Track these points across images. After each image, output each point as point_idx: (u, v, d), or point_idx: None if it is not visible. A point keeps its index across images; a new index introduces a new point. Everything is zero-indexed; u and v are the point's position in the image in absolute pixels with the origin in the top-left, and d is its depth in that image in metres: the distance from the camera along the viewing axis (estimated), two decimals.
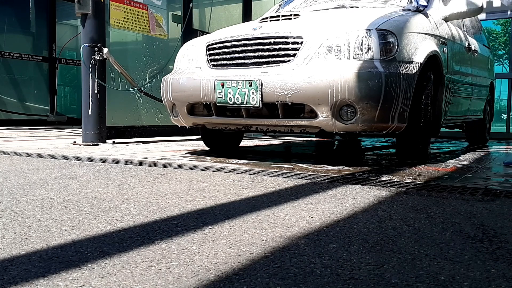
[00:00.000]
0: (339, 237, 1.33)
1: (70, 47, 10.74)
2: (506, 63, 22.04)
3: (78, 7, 4.43)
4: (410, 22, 2.98)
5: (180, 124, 3.48)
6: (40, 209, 1.65)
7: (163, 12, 5.87)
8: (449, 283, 0.99)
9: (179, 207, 1.71)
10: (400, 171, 2.75)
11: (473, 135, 5.33)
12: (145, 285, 0.96)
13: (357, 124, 2.72)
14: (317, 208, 1.70)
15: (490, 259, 1.16)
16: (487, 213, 1.67)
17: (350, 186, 2.20)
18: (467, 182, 2.39)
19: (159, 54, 5.78)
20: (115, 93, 5.11)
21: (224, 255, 1.16)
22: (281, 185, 2.20)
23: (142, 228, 1.40)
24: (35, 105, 9.93)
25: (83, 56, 4.49)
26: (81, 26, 4.59)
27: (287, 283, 0.98)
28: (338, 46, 2.78)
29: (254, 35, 3.03)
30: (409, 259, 1.15)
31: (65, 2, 10.03)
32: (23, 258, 1.12)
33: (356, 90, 2.63)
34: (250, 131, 3.19)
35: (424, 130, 3.08)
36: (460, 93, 3.91)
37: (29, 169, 2.64)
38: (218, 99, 3.03)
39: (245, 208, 1.69)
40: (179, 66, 3.51)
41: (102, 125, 4.56)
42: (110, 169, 2.68)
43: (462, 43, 3.93)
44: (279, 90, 2.78)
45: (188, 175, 2.47)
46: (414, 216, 1.60)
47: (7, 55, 9.37)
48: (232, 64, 3.09)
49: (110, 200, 1.82)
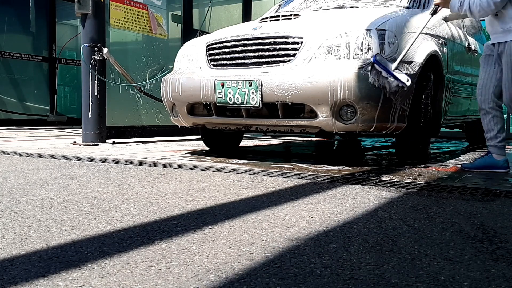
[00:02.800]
0: (339, 237, 1.33)
1: (70, 47, 10.73)
2: None
3: (78, 7, 4.43)
4: (410, 22, 2.98)
5: (180, 124, 3.48)
6: (40, 209, 1.65)
7: (163, 12, 5.87)
8: (449, 283, 0.99)
9: (179, 207, 1.71)
10: (400, 171, 2.75)
11: (473, 135, 5.33)
12: (145, 285, 0.96)
13: (357, 124, 2.72)
14: (317, 208, 1.70)
15: (490, 259, 1.16)
16: (487, 213, 1.67)
17: (350, 186, 2.20)
18: (467, 182, 2.39)
19: (159, 54, 5.77)
20: (115, 93, 5.11)
21: (224, 255, 1.16)
22: (281, 185, 2.20)
23: (142, 228, 1.40)
24: (35, 105, 9.93)
25: (83, 56, 4.49)
26: (81, 26, 4.59)
27: (287, 283, 0.98)
28: (338, 46, 2.78)
29: (254, 35, 3.03)
30: (409, 259, 1.15)
31: (65, 2, 10.02)
32: (23, 258, 1.12)
33: (356, 90, 2.63)
34: (250, 131, 3.19)
35: (424, 130, 3.08)
36: (460, 93, 3.91)
37: (29, 169, 2.64)
38: (218, 99, 3.02)
39: (245, 208, 1.69)
40: (179, 66, 3.51)
41: (102, 125, 4.56)
42: (110, 169, 2.68)
43: (462, 43, 3.93)
44: (279, 90, 2.78)
45: (188, 175, 2.47)
46: (414, 216, 1.60)
47: (7, 55, 9.37)
48: (232, 64, 3.09)
49: (110, 200, 1.82)
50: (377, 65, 2.61)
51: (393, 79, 2.60)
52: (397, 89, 2.63)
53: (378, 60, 2.61)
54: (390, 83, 2.61)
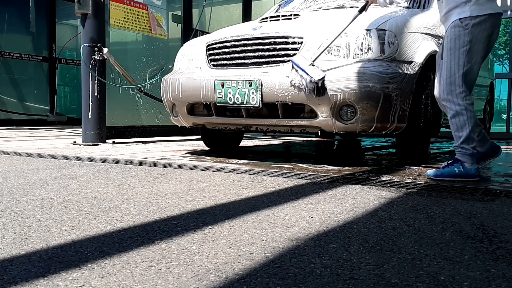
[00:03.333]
0: (339, 237, 1.33)
1: (70, 47, 10.73)
2: (506, 63, 22.04)
3: (78, 7, 4.43)
4: (410, 22, 2.98)
5: (180, 124, 3.48)
6: (40, 209, 1.65)
7: (163, 12, 5.87)
8: (449, 283, 0.99)
9: (179, 207, 1.71)
10: (400, 171, 2.75)
11: None
12: (145, 285, 0.96)
13: (357, 124, 2.72)
14: (317, 208, 1.70)
15: (490, 259, 1.16)
16: (487, 213, 1.67)
17: (350, 186, 2.20)
18: (467, 182, 2.39)
19: (159, 54, 5.77)
20: (115, 93, 5.11)
21: (224, 255, 1.16)
22: (281, 185, 2.20)
23: (142, 228, 1.40)
24: (35, 105, 9.93)
25: (83, 56, 4.49)
26: (81, 26, 4.59)
27: (287, 283, 0.98)
28: (338, 46, 2.78)
29: (254, 35, 3.03)
30: (409, 259, 1.15)
31: (65, 2, 10.02)
32: (23, 258, 1.12)
33: (356, 90, 2.63)
34: (250, 131, 3.19)
35: (424, 130, 3.08)
36: None
37: (29, 169, 2.64)
38: (218, 99, 3.03)
39: (245, 208, 1.69)
40: (179, 66, 3.51)
41: (102, 125, 4.56)
42: (110, 169, 2.68)
43: None
44: (279, 90, 2.79)
45: (188, 175, 2.47)
46: (414, 216, 1.60)
47: (7, 55, 9.37)
48: (232, 64, 3.09)
49: (110, 200, 1.82)
50: (294, 65, 2.72)
51: (307, 75, 2.65)
52: (312, 85, 2.65)
53: (294, 60, 2.73)
54: (306, 80, 2.66)
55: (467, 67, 2.32)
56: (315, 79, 2.63)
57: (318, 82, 2.64)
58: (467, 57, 2.31)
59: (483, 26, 2.29)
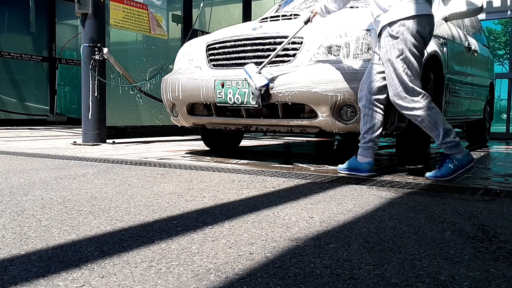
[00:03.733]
0: (339, 237, 1.33)
1: (70, 47, 10.73)
2: (506, 63, 22.04)
3: (78, 7, 4.43)
4: None
5: (180, 124, 3.48)
6: (40, 209, 1.65)
7: (163, 12, 5.87)
8: (449, 283, 0.99)
9: (179, 207, 1.71)
10: (400, 171, 2.75)
11: (473, 135, 5.33)
12: (145, 285, 0.96)
13: (357, 124, 2.72)
14: (317, 208, 1.70)
15: (490, 259, 1.16)
16: (487, 213, 1.67)
17: (350, 186, 2.20)
18: (467, 182, 2.39)
19: (159, 54, 5.77)
20: (115, 93, 5.11)
21: (224, 255, 1.16)
22: (281, 185, 2.20)
23: (142, 228, 1.40)
24: (35, 105, 9.93)
25: (83, 56, 4.49)
26: (81, 26, 4.59)
27: (287, 283, 0.98)
28: (338, 46, 2.78)
29: (254, 35, 3.03)
30: (409, 259, 1.15)
31: (65, 2, 10.02)
32: (23, 258, 1.12)
33: (356, 90, 2.63)
34: (250, 131, 3.19)
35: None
36: (460, 93, 3.90)
37: (29, 169, 2.64)
38: (218, 99, 3.03)
39: (245, 208, 1.69)
40: (179, 66, 3.51)
41: (102, 125, 4.56)
42: (110, 169, 2.68)
43: (462, 43, 3.93)
44: (279, 90, 2.79)
45: (188, 175, 2.47)
46: (414, 216, 1.60)
47: (7, 55, 9.37)
48: (232, 64, 3.09)
49: (110, 200, 1.82)
50: (245, 72, 2.84)
51: (253, 82, 2.79)
52: (258, 92, 2.78)
53: (245, 68, 2.86)
54: (253, 87, 2.80)
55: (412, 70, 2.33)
56: (258, 86, 2.76)
57: (261, 89, 2.77)
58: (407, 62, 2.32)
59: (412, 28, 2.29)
